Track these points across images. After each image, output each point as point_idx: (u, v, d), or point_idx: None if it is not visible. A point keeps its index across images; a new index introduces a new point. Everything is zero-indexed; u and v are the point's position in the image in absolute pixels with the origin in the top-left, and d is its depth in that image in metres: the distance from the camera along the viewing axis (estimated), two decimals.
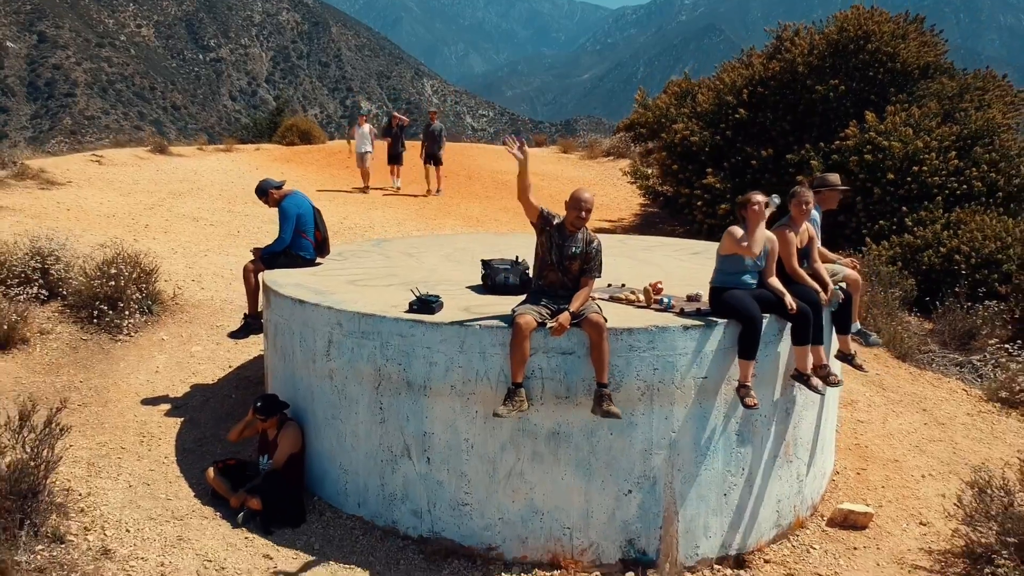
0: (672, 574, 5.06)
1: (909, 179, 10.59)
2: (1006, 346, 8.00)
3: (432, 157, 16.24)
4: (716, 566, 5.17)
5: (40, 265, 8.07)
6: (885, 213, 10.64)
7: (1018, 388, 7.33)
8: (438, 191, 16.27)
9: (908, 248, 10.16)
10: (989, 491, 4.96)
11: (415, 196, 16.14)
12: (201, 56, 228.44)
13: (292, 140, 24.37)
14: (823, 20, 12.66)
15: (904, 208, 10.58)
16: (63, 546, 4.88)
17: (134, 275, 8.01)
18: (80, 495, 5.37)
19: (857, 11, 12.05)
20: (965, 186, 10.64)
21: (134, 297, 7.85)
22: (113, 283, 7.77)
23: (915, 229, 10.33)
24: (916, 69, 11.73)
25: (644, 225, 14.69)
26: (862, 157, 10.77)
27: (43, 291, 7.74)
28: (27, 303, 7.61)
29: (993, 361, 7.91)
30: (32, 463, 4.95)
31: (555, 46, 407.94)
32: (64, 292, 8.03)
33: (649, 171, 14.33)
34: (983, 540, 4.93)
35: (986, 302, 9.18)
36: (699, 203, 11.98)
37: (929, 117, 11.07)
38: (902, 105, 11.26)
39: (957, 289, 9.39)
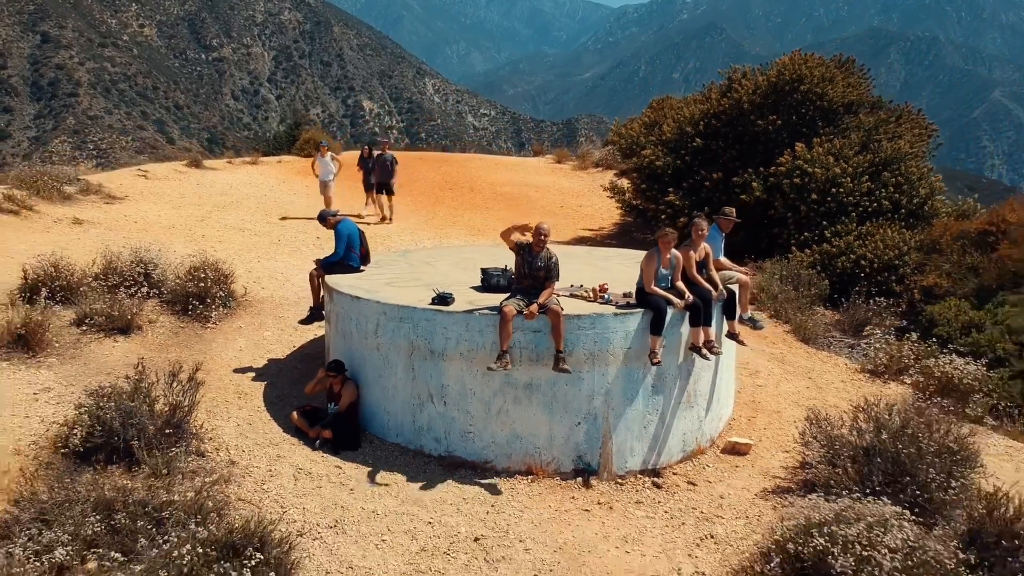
0: (608, 480, 7.63)
1: (829, 199, 13.15)
2: (876, 331, 10.54)
3: (385, 187, 17.03)
4: (639, 475, 7.73)
5: (143, 270, 10.65)
6: (809, 226, 13.19)
7: (880, 362, 9.88)
8: (390, 220, 17.04)
9: (826, 255, 12.71)
10: (816, 422, 7.52)
11: (370, 224, 16.72)
12: (203, 56, 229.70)
13: (310, 152, 26.87)
14: (768, 63, 15.19)
15: (825, 222, 13.13)
16: (203, 459, 7.45)
17: (216, 278, 10.58)
18: (207, 429, 7.93)
19: (793, 57, 14.61)
20: (875, 204, 13.19)
21: (217, 295, 10.43)
22: (202, 284, 10.34)
23: (832, 240, 12.87)
24: (841, 106, 14.28)
25: (621, 233, 17.25)
26: (792, 181, 13.32)
27: (154, 289, 10.32)
28: (139, 299, 10.18)
29: (874, 344, 10.44)
30: (183, 404, 7.54)
31: (556, 45, 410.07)
32: (163, 291, 10.60)
33: (625, 186, 16.87)
34: (812, 455, 7.50)
35: (879, 298, 11.72)
36: (663, 216, 14.52)
37: (849, 147, 13.62)
38: (827, 137, 13.82)
39: (858, 288, 11.94)
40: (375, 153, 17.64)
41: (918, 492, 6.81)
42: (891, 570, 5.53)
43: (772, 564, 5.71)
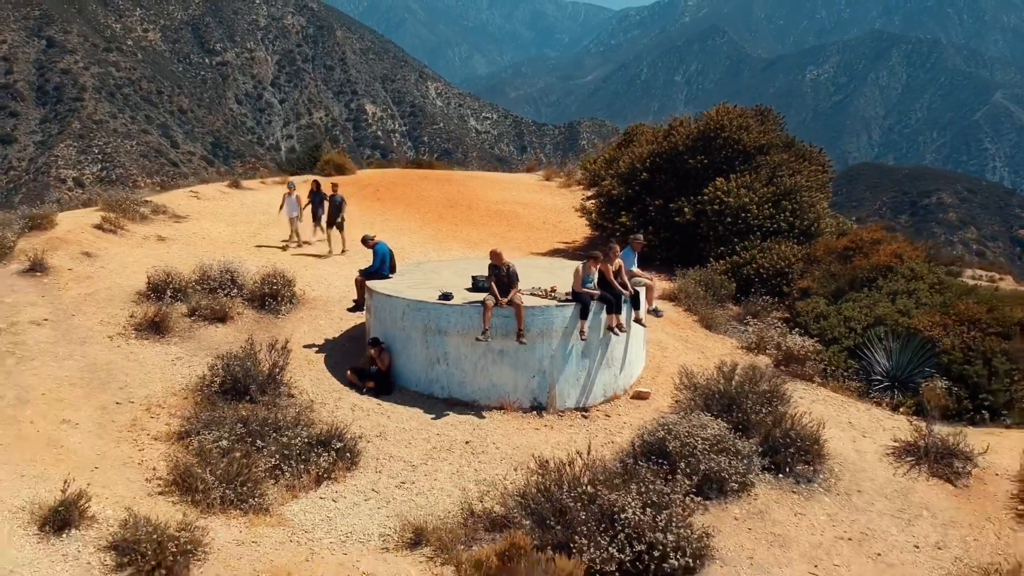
0: (552, 413, 11.97)
1: (740, 221, 17.48)
2: (751, 319, 14.85)
3: (334, 223, 18.88)
4: (573, 411, 12.06)
5: (230, 276, 15.00)
6: (725, 242, 17.51)
7: (752, 341, 14.21)
8: (343, 252, 18.78)
9: (735, 264, 17.03)
10: (686, 375, 11.85)
11: (318, 256, 18.74)
12: (207, 60, 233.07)
13: (330, 172, 31.18)
14: (699, 114, 19.52)
15: (736, 239, 17.46)
16: (293, 398, 11.81)
17: (283, 282, 14.93)
18: (292, 382, 12.25)
19: (719, 110, 18.97)
20: (775, 225, 17.51)
21: (286, 294, 14.78)
22: (274, 286, 14.69)
23: (741, 253, 17.19)
24: (754, 148, 18.61)
25: (589, 245, 21.52)
26: (713, 207, 17.66)
27: (238, 290, 14.68)
28: (230, 298, 14.53)
29: (750, 329, 14.76)
30: (277, 360, 11.90)
31: (559, 47, 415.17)
32: (244, 291, 14.93)
33: (591, 207, 21.18)
34: (682, 396, 11.83)
35: (768, 296, 16.03)
36: (618, 233, 18.82)
37: (758, 181, 17.95)
38: (742, 173, 18.15)
39: (755, 289, 16.26)
40: (329, 193, 19.31)
41: (741, 416, 11.12)
42: (702, 449, 9.86)
43: (636, 446, 10.04)
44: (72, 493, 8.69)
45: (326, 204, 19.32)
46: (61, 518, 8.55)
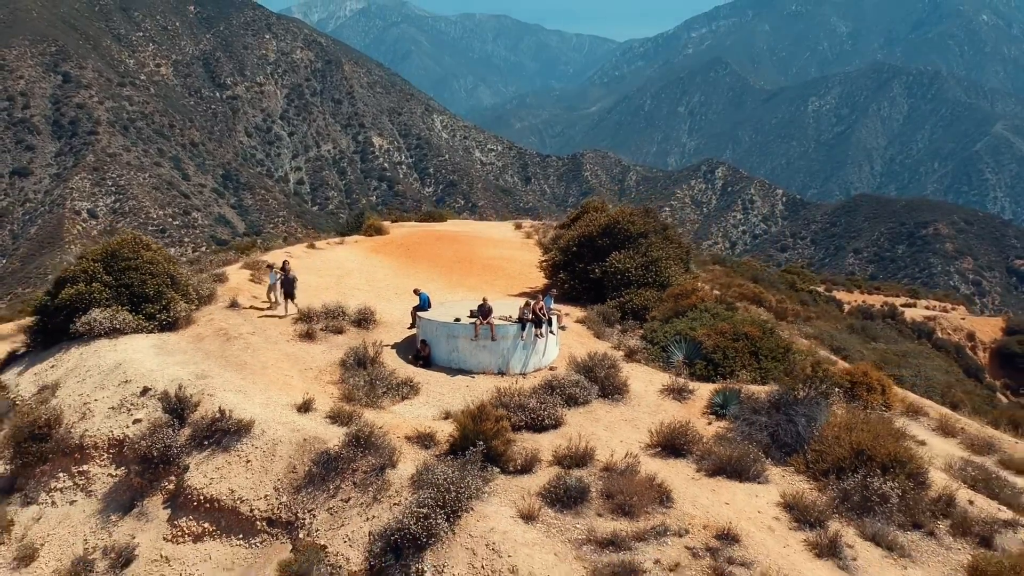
0: (508, 376, 26.26)
1: (625, 278, 31.77)
2: (616, 333, 29.01)
3: (289, 295, 29.00)
4: (518, 374, 26.31)
5: (340, 309, 29.36)
6: (616, 289, 31.79)
7: (615, 344, 28.35)
8: (292, 314, 28.56)
9: (621, 303, 31.34)
10: (571, 358, 26.11)
11: (280, 316, 29.36)
12: (218, 94, 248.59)
13: (372, 233, 45.62)
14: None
15: (623, 288, 31.74)
16: (384, 367, 26.12)
17: (369, 312, 29.28)
18: (381, 361, 26.50)
19: (619, 210, 33.28)
20: (645, 280, 31.79)
21: (371, 319, 29.15)
22: (365, 314, 29.06)
23: (625, 296, 31.47)
24: (637, 234, 32.90)
25: (541, 290, 35.77)
26: (610, 270, 31.97)
27: (345, 316, 29.06)
28: (342, 320, 28.83)
29: (615, 338, 28.91)
30: (376, 351, 26.23)
31: (563, 79, 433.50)
32: (348, 316, 29.24)
33: (544, 267, 35.48)
34: (571, 367, 26.12)
35: (635, 320, 30.27)
36: (559, 283, 33.06)
37: (638, 254, 32.28)
38: (628, 249, 32.45)
39: (628, 317, 30.51)
40: (285, 271, 29.25)
41: (594, 374, 25.27)
42: (568, 385, 24.05)
43: (540, 384, 24.26)
44: (308, 398, 22.92)
45: (281, 279, 29.12)
46: (305, 406, 22.79)
